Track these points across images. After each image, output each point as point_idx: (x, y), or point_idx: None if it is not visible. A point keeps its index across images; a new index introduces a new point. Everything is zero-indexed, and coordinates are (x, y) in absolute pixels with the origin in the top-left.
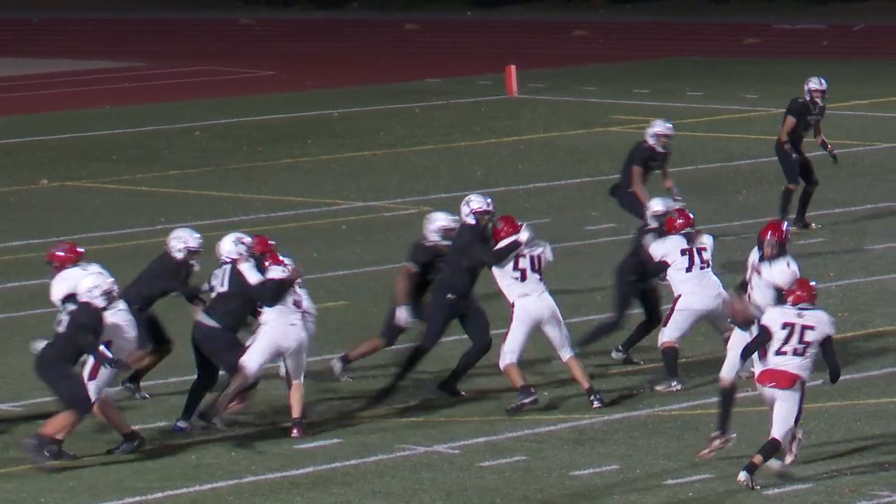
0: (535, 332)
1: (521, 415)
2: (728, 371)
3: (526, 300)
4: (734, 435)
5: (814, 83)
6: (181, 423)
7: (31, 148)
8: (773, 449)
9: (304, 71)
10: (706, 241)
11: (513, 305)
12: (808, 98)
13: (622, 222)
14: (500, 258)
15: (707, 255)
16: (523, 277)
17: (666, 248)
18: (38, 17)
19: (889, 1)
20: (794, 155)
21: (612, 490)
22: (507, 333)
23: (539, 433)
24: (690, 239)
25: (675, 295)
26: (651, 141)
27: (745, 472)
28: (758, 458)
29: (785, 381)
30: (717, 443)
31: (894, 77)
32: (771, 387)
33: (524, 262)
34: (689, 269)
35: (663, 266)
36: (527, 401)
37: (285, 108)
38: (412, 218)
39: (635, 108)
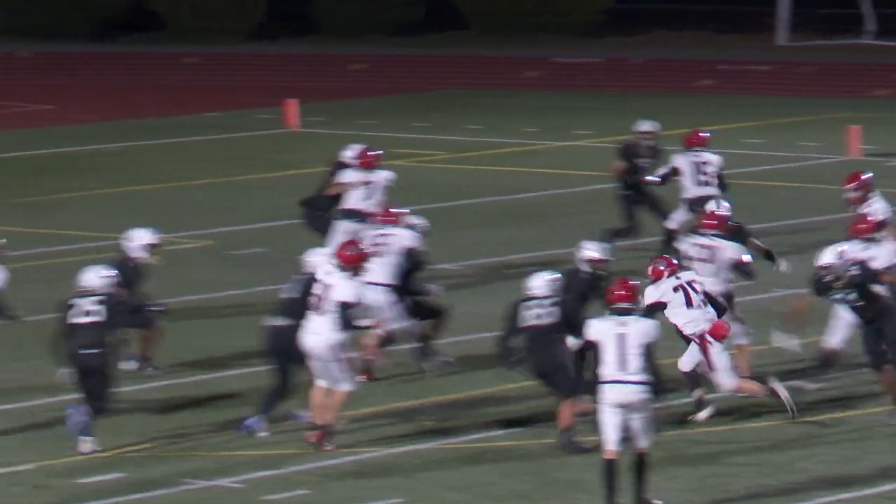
0: None
1: (304, 448)
2: None
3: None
4: None
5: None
6: (252, 422)
7: None
8: None
9: (82, 104)
10: None
11: None
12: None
13: None
14: None
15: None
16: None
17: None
18: None
19: (665, 35)
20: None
21: None
22: None
23: (323, 466)
24: None
25: None
26: None
27: None
28: None
29: None
30: None
31: (670, 110)
32: None
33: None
34: None
35: None
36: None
37: (63, 141)
38: (192, 252)
39: (416, 141)
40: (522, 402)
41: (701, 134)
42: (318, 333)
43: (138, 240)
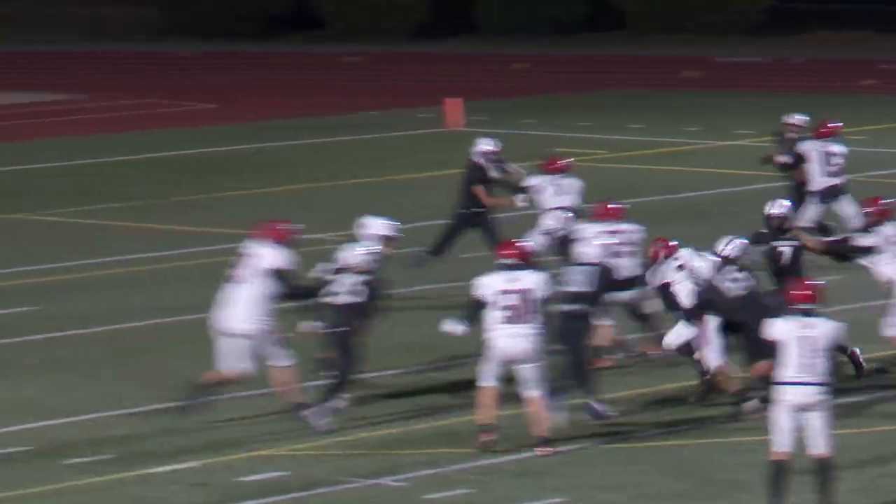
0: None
1: (465, 447)
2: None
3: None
4: None
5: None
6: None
7: None
8: None
9: (243, 103)
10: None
11: None
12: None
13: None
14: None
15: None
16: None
17: None
18: None
19: (826, 35)
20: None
21: None
22: None
23: (483, 465)
24: None
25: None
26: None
27: None
28: None
29: None
30: None
31: (833, 110)
32: None
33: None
34: None
35: None
36: None
37: (224, 140)
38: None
39: (577, 140)
40: (682, 402)
41: (831, 124)
42: (521, 337)
43: (373, 229)
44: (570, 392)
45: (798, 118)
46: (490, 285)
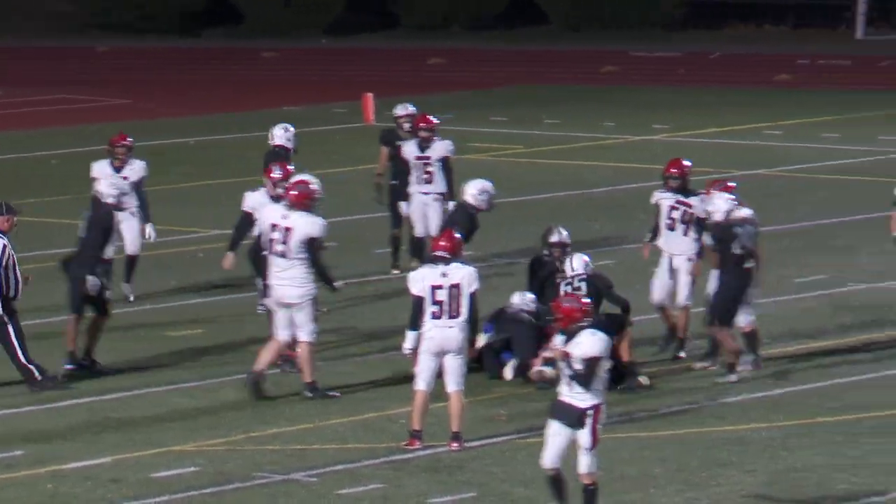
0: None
1: (377, 442)
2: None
3: None
4: None
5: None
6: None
7: None
8: None
9: (160, 98)
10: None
11: None
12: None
13: (477, 250)
14: None
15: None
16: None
17: None
18: None
19: (744, 30)
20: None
21: None
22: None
23: (396, 461)
24: None
25: None
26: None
27: None
28: None
29: None
30: None
31: (749, 105)
32: None
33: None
34: None
35: None
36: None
37: (142, 135)
38: None
39: (493, 135)
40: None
41: (430, 118)
42: (451, 329)
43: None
44: None
45: (411, 108)
46: (422, 280)
